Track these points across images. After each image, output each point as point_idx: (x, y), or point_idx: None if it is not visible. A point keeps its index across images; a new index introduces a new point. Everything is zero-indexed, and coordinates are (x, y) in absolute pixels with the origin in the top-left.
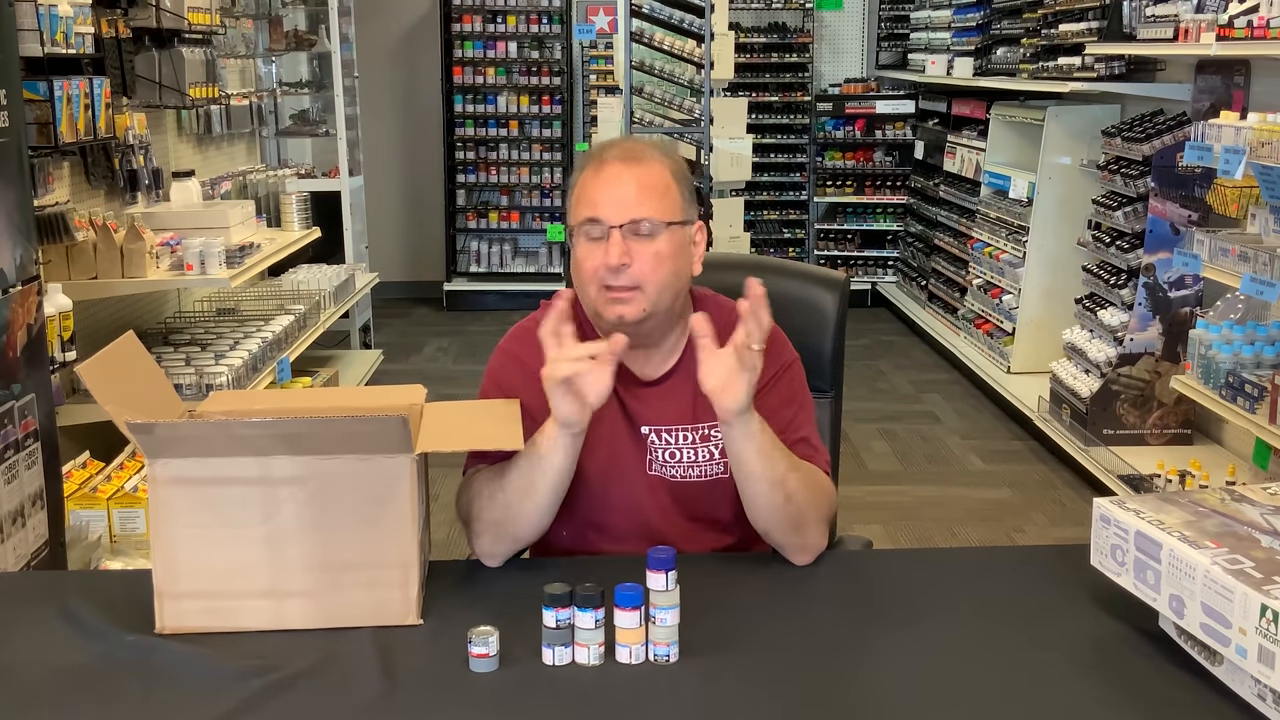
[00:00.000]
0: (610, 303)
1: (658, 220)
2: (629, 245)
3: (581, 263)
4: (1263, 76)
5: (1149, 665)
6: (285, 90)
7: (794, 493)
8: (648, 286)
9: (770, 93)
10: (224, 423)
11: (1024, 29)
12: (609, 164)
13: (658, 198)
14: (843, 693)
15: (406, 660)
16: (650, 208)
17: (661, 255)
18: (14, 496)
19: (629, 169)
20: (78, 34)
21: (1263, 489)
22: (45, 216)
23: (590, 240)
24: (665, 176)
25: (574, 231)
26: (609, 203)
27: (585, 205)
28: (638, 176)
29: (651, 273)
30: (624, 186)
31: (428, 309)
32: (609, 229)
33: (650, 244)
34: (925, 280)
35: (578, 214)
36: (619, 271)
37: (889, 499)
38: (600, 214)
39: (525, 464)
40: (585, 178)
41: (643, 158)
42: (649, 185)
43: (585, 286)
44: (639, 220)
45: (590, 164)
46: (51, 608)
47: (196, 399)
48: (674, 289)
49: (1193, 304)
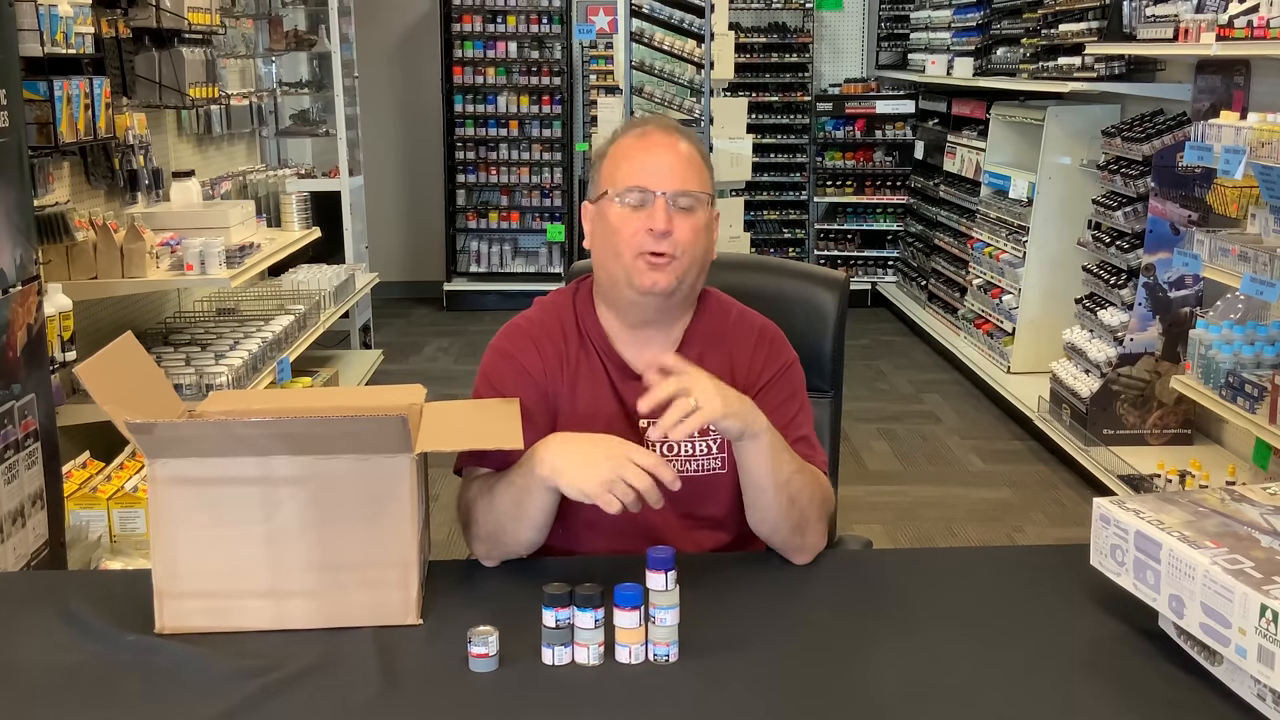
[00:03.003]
0: (648, 269)
1: (701, 194)
2: (671, 215)
3: (619, 228)
4: (1263, 76)
5: (1149, 665)
6: (285, 90)
7: (798, 495)
8: (684, 257)
9: (770, 93)
10: (224, 423)
11: (1024, 29)
12: (652, 133)
13: (698, 174)
14: (843, 692)
15: (406, 660)
16: (694, 181)
17: (699, 229)
18: (14, 496)
19: (671, 140)
20: (78, 34)
21: (1263, 489)
22: (45, 216)
23: (630, 208)
24: (699, 157)
25: (608, 198)
26: (657, 171)
27: (630, 172)
28: (681, 150)
29: (691, 244)
30: (671, 156)
31: (428, 309)
32: (656, 196)
33: (690, 217)
34: (925, 280)
35: (619, 180)
36: (662, 238)
37: (889, 499)
38: (648, 182)
39: (513, 491)
40: (626, 146)
41: (679, 134)
42: (691, 159)
43: (619, 253)
44: (686, 192)
45: (630, 133)
46: (51, 608)
47: (196, 399)
48: (701, 265)
49: (1193, 304)
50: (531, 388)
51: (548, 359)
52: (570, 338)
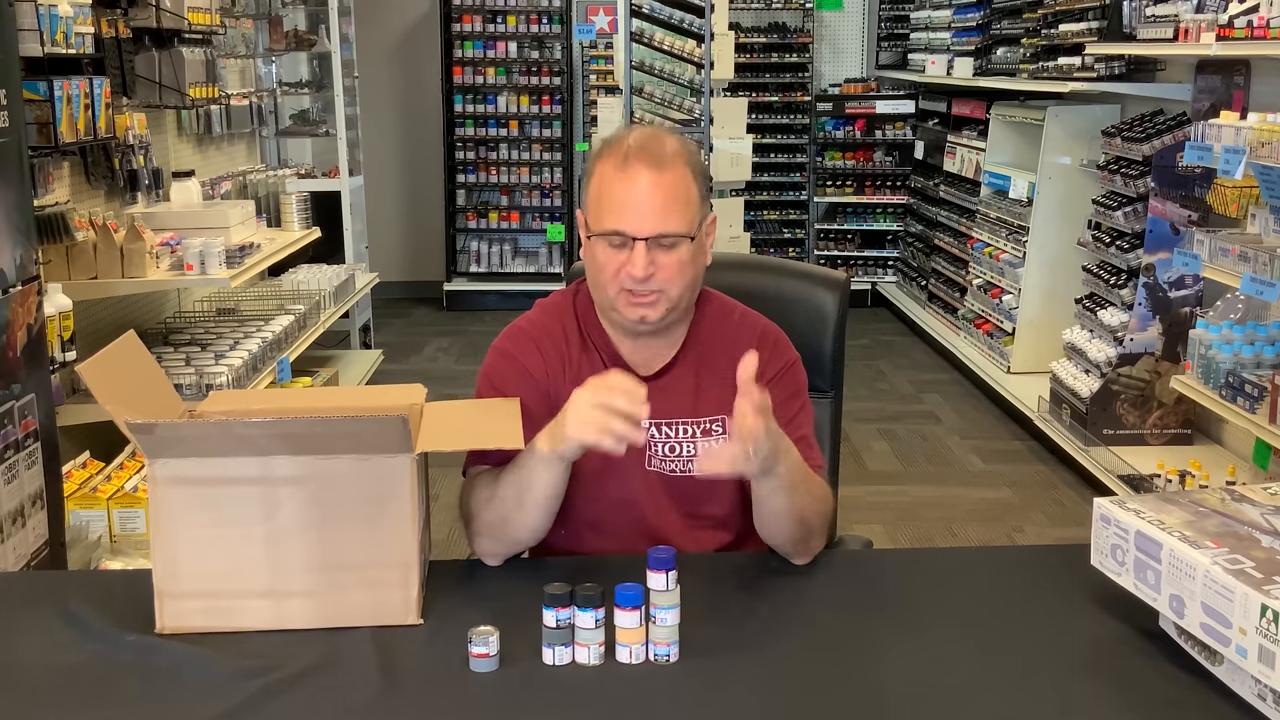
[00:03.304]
0: (632, 306)
1: (682, 234)
2: (653, 255)
3: (604, 266)
4: (1263, 76)
5: (1149, 665)
6: (285, 90)
7: (809, 517)
8: (670, 291)
9: (770, 93)
10: (224, 423)
11: (1024, 29)
12: (633, 166)
13: (681, 208)
14: (843, 692)
15: (406, 660)
16: (675, 221)
17: (684, 263)
18: (14, 496)
19: (653, 176)
20: (78, 34)
21: (1263, 489)
22: (45, 216)
23: (612, 247)
24: (687, 180)
25: (592, 232)
26: (635, 215)
27: (609, 214)
28: (663, 186)
29: (675, 280)
30: (650, 197)
31: (428, 309)
32: (634, 241)
33: (674, 254)
34: (925, 280)
35: (600, 220)
36: (643, 281)
37: (889, 499)
38: (625, 227)
39: (516, 476)
40: (607, 178)
41: (665, 162)
42: (674, 196)
43: (604, 286)
44: (665, 234)
45: (611, 158)
46: (51, 608)
47: (196, 399)
48: (694, 288)
49: (1193, 304)
50: (533, 388)
51: (549, 360)
52: (572, 339)
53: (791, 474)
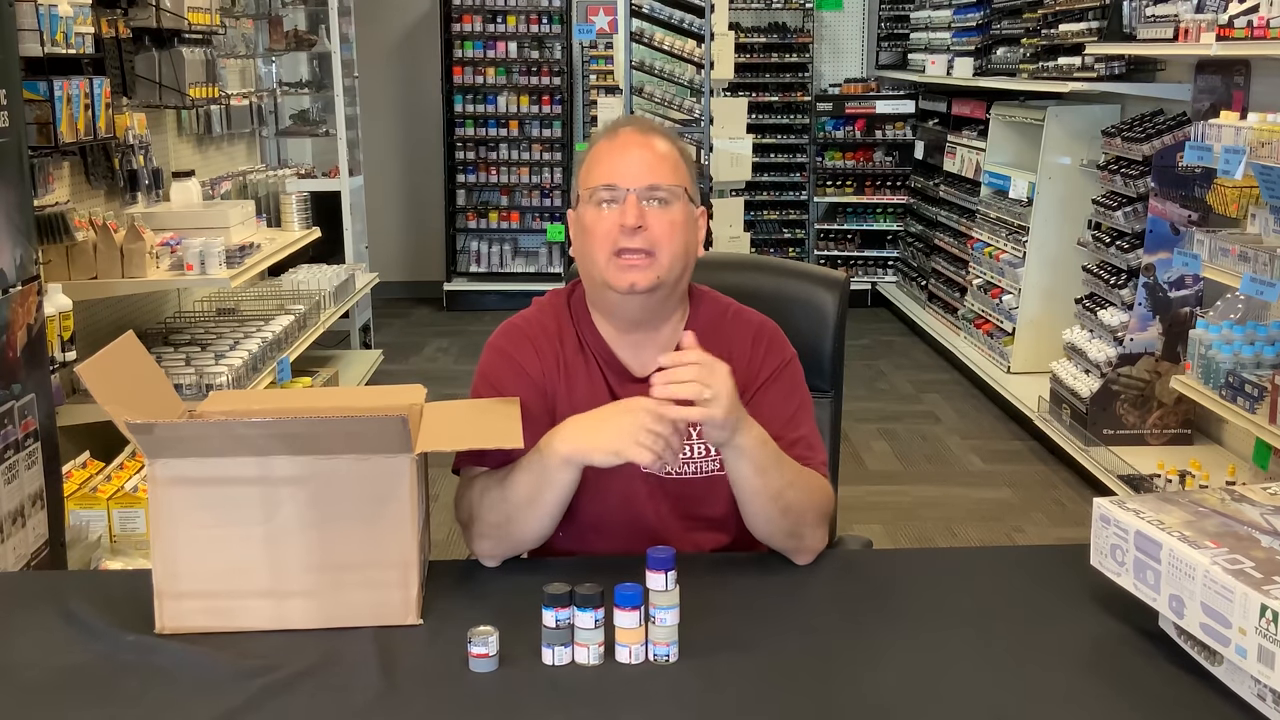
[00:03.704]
0: (622, 269)
1: (674, 186)
2: (644, 211)
3: (592, 228)
4: (1263, 76)
5: (1149, 665)
6: (285, 90)
7: (792, 504)
8: (661, 253)
9: (770, 93)
10: (224, 423)
11: (1024, 29)
12: (623, 134)
13: (671, 168)
14: (843, 692)
15: (406, 660)
16: (667, 175)
17: (675, 223)
18: (14, 496)
19: (644, 138)
20: (78, 34)
21: (1263, 489)
22: (45, 216)
23: (603, 206)
24: (675, 155)
25: (584, 199)
26: (628, 168)
27: (601, 172)
28: (653, 146)
29: (665, 239)
30: (641, 153)
31: (428, 309)
32: (626, 193)
33: (665, 211)
34: (925, 280)
35: (591, 179)
36: (634, 234)
37: (889, 499)
38: (618, 179)
39: (530, 476)
40: (599, 148)
41: (655, 133)
42: (663, 155)
43: (594, 254)
44: (656, 186)
45: (604, 136)
46: (51, 608)
47: (196, 399)
48: (684, 262)
49: (1193, 304)
50: (530, 387)
51: (545, 359)
52: (567, 340)
53: (758, 450)
